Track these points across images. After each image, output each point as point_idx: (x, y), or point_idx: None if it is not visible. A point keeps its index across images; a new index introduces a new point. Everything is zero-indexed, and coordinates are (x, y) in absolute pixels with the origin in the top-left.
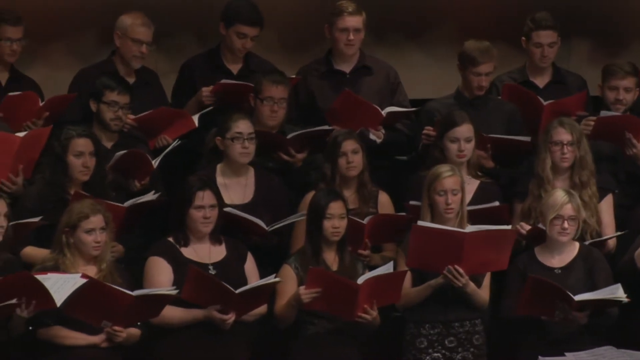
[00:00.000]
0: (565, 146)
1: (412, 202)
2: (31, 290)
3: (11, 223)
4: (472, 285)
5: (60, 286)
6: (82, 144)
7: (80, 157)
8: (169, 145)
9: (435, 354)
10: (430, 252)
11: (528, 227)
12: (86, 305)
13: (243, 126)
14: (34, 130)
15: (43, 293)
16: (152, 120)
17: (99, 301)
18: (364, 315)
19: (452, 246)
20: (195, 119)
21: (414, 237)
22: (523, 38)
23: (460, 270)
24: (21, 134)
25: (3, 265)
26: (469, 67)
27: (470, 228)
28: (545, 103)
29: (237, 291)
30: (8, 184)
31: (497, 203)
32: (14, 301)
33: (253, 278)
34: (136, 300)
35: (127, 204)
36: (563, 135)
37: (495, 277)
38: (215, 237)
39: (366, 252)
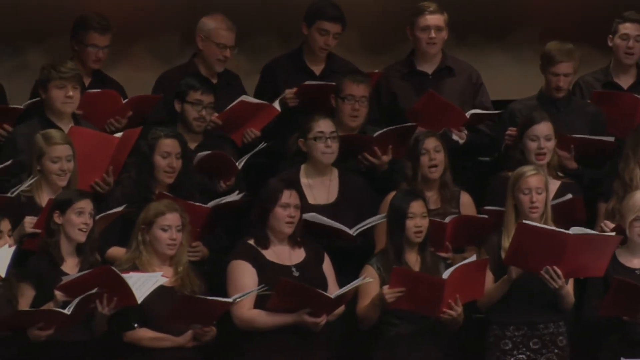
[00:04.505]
0: None
1: (487, 207)
2: (112, 286)
3: (97, 217)
4: (567, 287)
5: (142, 284)
6: (170, 144)
7: (167, 157)
8: (257, 138)
9: (520, 356)
10: (531, 251)
11: (612, 226)
12: (185, 316)
13: (325, 125)
14: (127, 132)
15: (124, 288)
16: (234, 115)
17: (196, 310)
18: (449, 311)
19: (554, 247)
20: (277, 104)
21: (517, 234)
22: (610, 36)
23: (559, 271)
24: (118, 135)
25: (89, 267)
26: (548, 67)
27: (574, 230)
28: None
29: (333, 296)
30: (102, 184)
31: (570, 195)
32: (94, 291)
33: (331, 278)
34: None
35: (210, 204)
36: None
37: (575, 279)
38: (294, 240)
39: (447, 254)
